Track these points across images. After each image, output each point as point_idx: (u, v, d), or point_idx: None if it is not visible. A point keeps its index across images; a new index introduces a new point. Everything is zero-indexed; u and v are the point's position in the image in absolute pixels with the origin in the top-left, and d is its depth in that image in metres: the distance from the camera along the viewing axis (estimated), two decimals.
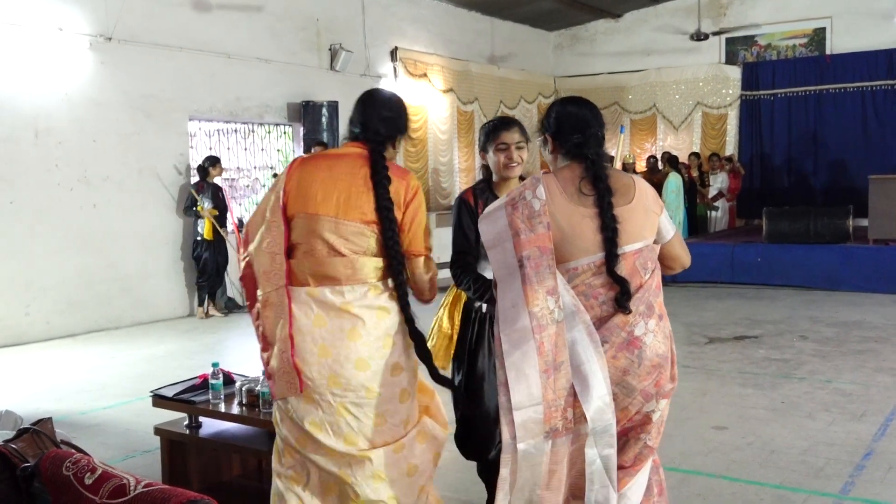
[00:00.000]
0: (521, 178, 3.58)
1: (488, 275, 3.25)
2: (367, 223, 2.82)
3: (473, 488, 4.32)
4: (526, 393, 2.51)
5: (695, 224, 13.78)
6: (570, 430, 2.57)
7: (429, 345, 3.69)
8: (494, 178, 3.60)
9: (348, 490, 2.80)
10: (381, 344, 2.83)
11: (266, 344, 2.89)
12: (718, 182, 13.99)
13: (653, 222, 2.73)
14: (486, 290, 3.33)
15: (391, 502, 2.83)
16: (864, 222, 11.50)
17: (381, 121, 3.01)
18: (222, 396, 3.84)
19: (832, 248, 11.03)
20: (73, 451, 2.21)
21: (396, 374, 2.86)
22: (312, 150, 10.73)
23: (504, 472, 2.55)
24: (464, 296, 3.66)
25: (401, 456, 2.85)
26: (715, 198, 13.98)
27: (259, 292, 2.87)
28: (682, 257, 2.90)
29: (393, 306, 2.88)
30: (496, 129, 3.52)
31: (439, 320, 3.73)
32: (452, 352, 3.64)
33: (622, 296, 2.58)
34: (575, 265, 2.61)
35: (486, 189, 3.59)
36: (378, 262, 2.86)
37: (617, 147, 12.43)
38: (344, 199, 2.82)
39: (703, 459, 4.65)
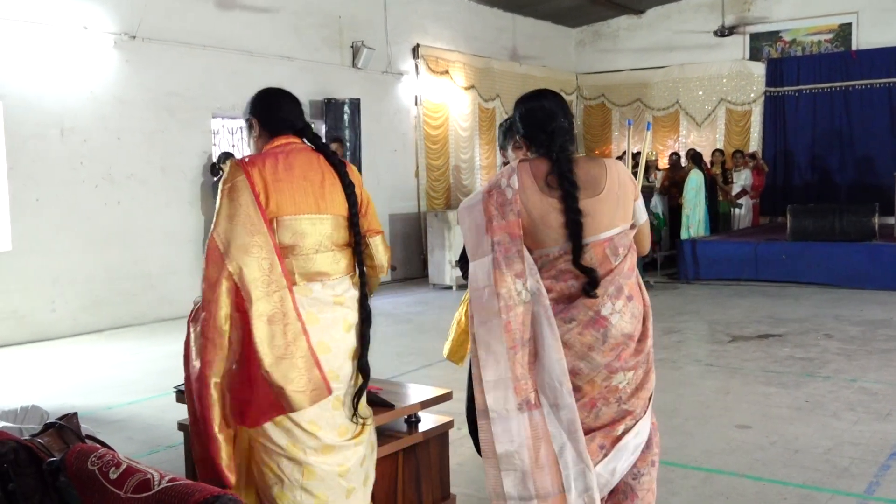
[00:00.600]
0: None
1: None
2: (341, 213, 2.90)
3: None
4: (494, 367, 2.68)
5: (717, 221, 13.67)
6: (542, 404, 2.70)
7: (447, 342, 3.72)
8: None
9: (341, 481, 2.83)
10: (358, 332, 2.95)
11: (251, 357, 2.68)
12: (742, 179, 13.87)
13: (626, 210, 2.82)
14: None
15: (371, 474, 3.00)
16: (891, 220, 11.39)
17: (300, 113, 3.05)
18: None
19: (857, 245, 10.92)
20: (98, 445, 2.23)
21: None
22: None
23: (484, 439, 2.71)
24: None
25: (372, 432, 3.03)
26: (738, 195, 13.86)
27: (253, 302, 2.66)
28: (643, 245, 3.02)
29: (358, 293, 2.97)
30: (514, 128, 3.53)
31: (458, 317, 3.76)
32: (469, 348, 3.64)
33: (588, 285, 2.70)
34: (547, 252, 2.73)
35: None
36: (351, 252, 2.95)
37: (643, 144, 12.36)
38: (319, 194, 2.84)
39: (726, 458, 4.62)
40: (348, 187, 2.89)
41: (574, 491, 2.68)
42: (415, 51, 13.27)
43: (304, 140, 2.96)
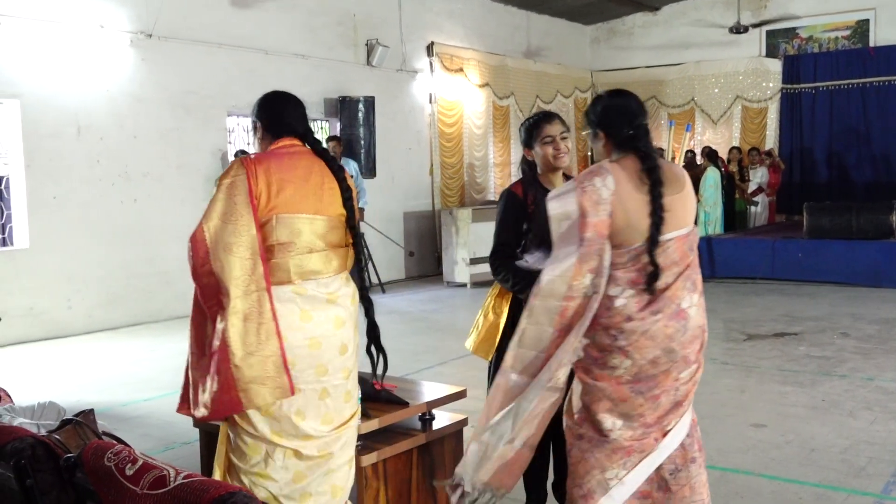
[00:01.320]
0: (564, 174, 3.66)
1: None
2: (339, 216, 2.99)
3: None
4: (536, 339, 2.76)
5: (733, 219, 13.62)
6: (557, 389, 2.80)
7: (472, 335, 3.75)
8: (540, 170, 3.62)
9: (323, 466, 2.94)
10: (352, 325, 3.03)
11: (225, 354, 2.77)
12: (758, 177, 13.80)
13: (695, 209, 2.97)
14: (526, 283, 3.34)
15: (350, 462, 3.08)
16: None
17: (303, 118, 3.17)
18: None
19: (874, 243, 10.85)
20: (114, 442, 2.25)
21: (356, 354, 3.07)
22: (327, 145, 10.76)
23: (492, 394, 2.87)
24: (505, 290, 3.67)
25: (355, 425, 3.10)
26: (755, 193, 13.80)
27: (231, 299, 2.77)
28: None
29: (353, 290, 3.07)
30: (539, 124, 3.56)
31: (485, 310, 3.74)
32: (497, 342, 3.64)
33: (650, 277, 2.78)
34: (635, 248, 2.77)
35: (533, 182, 3.61)
36: (347, 252, 3.04)
37: (682, 142, 12.28)
38: (318, 196, 2.94)
39: (742, 457, 4.61)
40: (346, 192, 3.00)
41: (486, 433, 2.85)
42: (429, 48, 13.27)
43: (306, 144, 3.07)
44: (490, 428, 2.83)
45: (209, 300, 2.83)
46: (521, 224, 3.57)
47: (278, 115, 3.11)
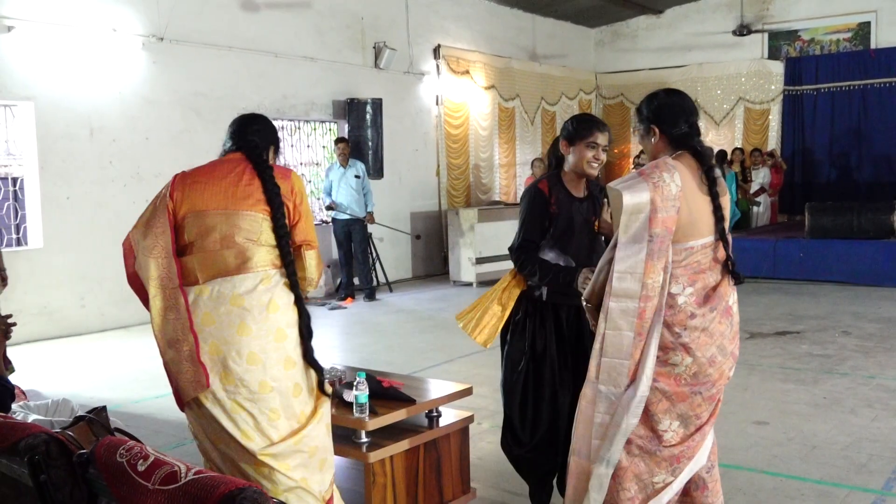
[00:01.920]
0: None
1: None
2: (257, 210, 2.94)
3: (513, 479, 4.31)
4: (618, 346, 2.73)
5: (736, 219, 13.59)
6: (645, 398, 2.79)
7: (474, 319, 3.74)
8: (567, 168, 3.58)
9: (262, 482, 2.81)
10: (272, 337, 2.85)
11: (166, 347, 2.90)
12: (760, 177, 13.77)
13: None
14: (557, 271, 3.44)
15: (302, 484, 2.87)
16: None
17: (254, 133, 3.19)
18: None
19: (876, 243, 10.81)
20: (126, 438, 2.25)
21: (290, 369, 2.87)
22: (335, 147, 10.77)
23: (584, 406, 2.82)
24: (517, 286, 3.67)
25: (302, 444, 2.88)
26: (757, 193, 13.77)
27: (151, 298, 2.91)
28: None
29: (286, 300, 2.91)
30: (589, 126, 3.52)
31: (492, 299, 3.70)
32: (498, 331, 3.70)
33: (735, 270, 2.86)
34: (693, 244, 2.79)
35: (558, 182, 3.60)
36: (270, 251, 2.94)
37: None
38: (231, 192, 2.96)
39: (745, 454, 4.60)
40: (270, 190, 2.96)
41: (604, 464, 2.79)
42: (436, 51, 13.27)
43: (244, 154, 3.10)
44: (605, 461, 2.78)
45: (144, 301, 2.95)
46: (545, 221, 3.55)
47: (234, 134, 3.23)
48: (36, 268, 8.43)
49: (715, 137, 15.64)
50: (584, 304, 2.96)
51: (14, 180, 8.74)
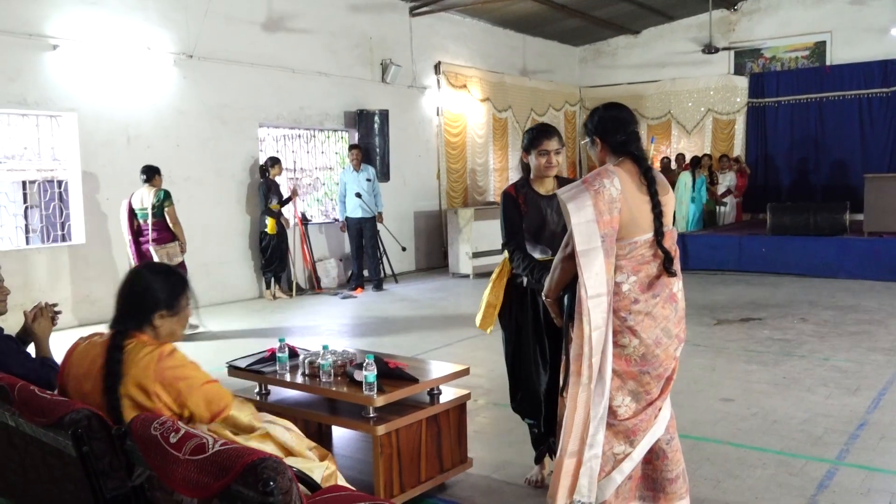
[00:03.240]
0: (556, 177, 3.75)
1: (535, 255, 3.62)
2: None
3: (506, 450, 4.32)
4: (599, 340, 2.75)
5: (704, 218, 13.59)
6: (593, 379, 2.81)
7: (479, 313, 3.83)
8: (532, 175, 3.73)
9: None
10: None
11: None
12: (727, 180, 13.76)
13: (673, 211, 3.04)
14: (534, 269, 3.53)
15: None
16: (860, 217, 11.23)
17: (126, 305, 2.58)
18: (288, 368, 3.87)
19: (831, 239, 10.81)
20: (158, 414, 2.25)
21: None
22: (349, 153, 10.75)
23: (576, 407, 2.79)
24: (505, 274, 3.78)
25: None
26: (724, 194, 13.76)
27: None
28: None
29: None
30: (539, 136, 3.66)
31: (487, 293, 3.83)
32: (495, 317, 3.81)
33: (668, 262, 2.85)
34: (636, 240, 2.82)
35: (525, 185, 3.75)
36: None
37: (648, 152, 12.24)
38: (89, 391, 2.50)
39: (712, 428, 4.60)
40: (109, 392, 2.44)
41: (590, 450, 2.79)
42: (437, 67, 13.24)
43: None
44: (591, 447, 2.78)
45: None
46: (518, 217, 3.68)
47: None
48: (79, 261, 8.43)
49: (686, 144, 15.63)
50: (544, 298, 3.07)
51: (59, 183, 8.73)
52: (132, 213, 7.79)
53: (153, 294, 2.57)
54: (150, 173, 7.84)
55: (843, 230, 10.94)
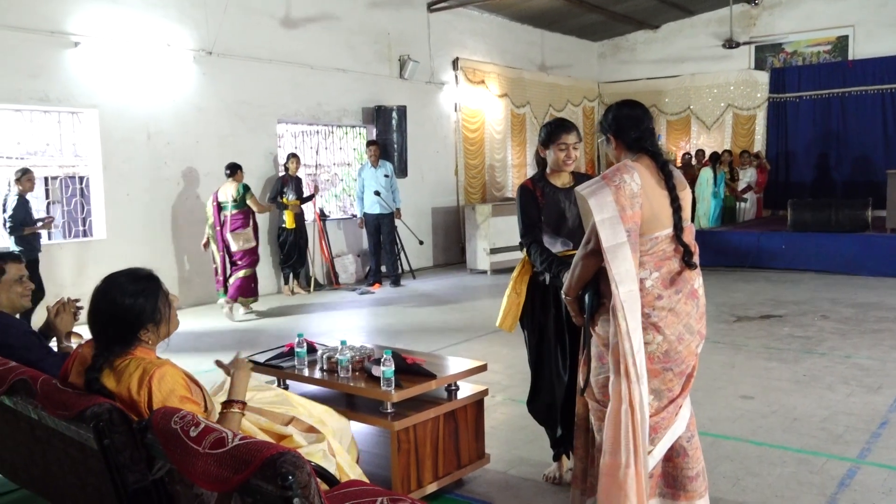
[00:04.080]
0: (572, 172, 3.74)
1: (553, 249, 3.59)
2: None
3: (523, 446, 4.31)
4: (638, 338, 2.71)
5: (724, 214, 13.50)
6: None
7: (500, 312, 3.80)
8: (549, 168, 3.72)
9: None
10: None
11: None
12: (747, 176, 13.65)
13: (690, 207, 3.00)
14: (551, 262, 3.51)
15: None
16: (883, 213, 11.10)
17: (108, 331, 2.51)
18: (306, 363, 3.89)
19: (852, 236, 10.69)
20: (180, 407, 2.26)
21: None
22: (367, 149, 10.77)
23: (620, 407, 2.70)
24: (526, 272, 3.74)
25: None
26: (744, 190, 13.64)
27: None
28: None
29: None
30: (558, 131, 3.64)
31: (509, 291, 3.79)
32: (519, 315, 3.75)
33: (688, 256, 2.83)
34: (656, 235, 2.79)
35: (541, 178, 3.74)
36: None
37: None
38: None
39: (731, 425, 4.57)
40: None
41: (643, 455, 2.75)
42: (455, 63, 13.22)
43: None
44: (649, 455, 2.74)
45: None
46: (536, 211, 3.66)
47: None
48: (100, 257, 8.50)
49: (706, 140, 15.52)
50: (564, 297, 3.00)
51: (81, 179, 8.81)
52: (219, 206, 8.51)
53: (132, 313, 2.48)
54: (234, 169, 8.61)
55: (865, 227, 10.82)
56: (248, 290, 8.53)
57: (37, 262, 7.39)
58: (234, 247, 8.42)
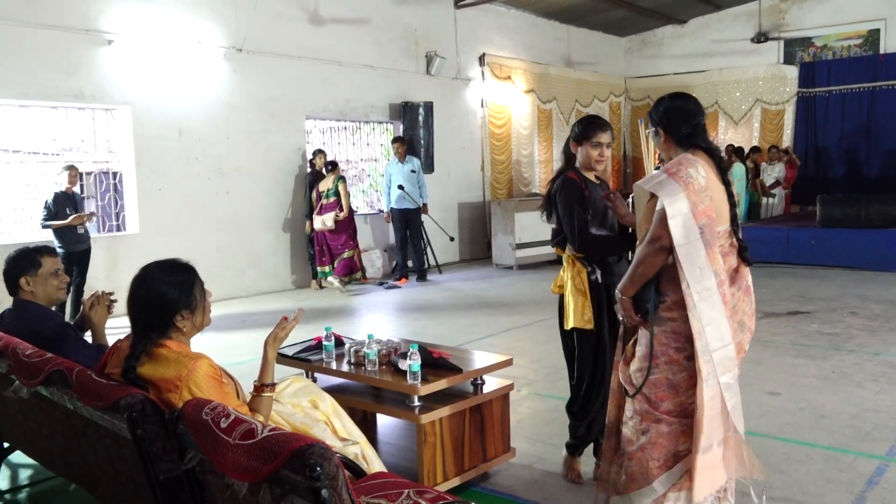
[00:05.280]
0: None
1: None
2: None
3: (549, 439, 4.30)
4: (718, 336, 2.65)
5: (752, 209, 13.35)
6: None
7: (570, 316, 3.55)
8: (578, 164, 3.62)
9: None
10: None
11: None
12: (776, 171, 13.46)
13: None
14: (607, 246, 3.53)
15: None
16: None
17: (145, 316, 2.57)
18: (334, 356, 3.91)
19: (882, 232, 10.51)
20: (210, 399, 2.29)
21: None
22: (392, 146, 10.79)
23: (711, 401, 2.64)
24: (580, 271, 3.55)
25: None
26: (772, 186, 13.47)
27: None
28: None
29: None
30: (593, 128, 3.55)
31: (574, 295, 3.55)
32: (590, 311, 3.52)
33: (746, 252, 2.80)
34: (720, 229, 2.72)
35: (579, 173, 3.61)
36: None
37: (642, 136, 12.00)
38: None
39: (759, 422, 4.52)
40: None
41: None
42: (481, 59, 13.19)
43: None
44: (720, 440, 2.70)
45: None
46: (584, 203, 3.52)
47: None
48: (133, 250, 8.61)
49: (734, 135, 15.32)
50: (619, 295, 2.83)
51: (114, 174, 8.93)
52: (319, 195, 9.82)
53: (168, 298, 2.55)
54: (333, 165, 9.85)
55: (894, 222, 10.62)
56: (347, 270, 9.89)
57: (78, 256, 7.50)
58: (317, 225, 9.75)
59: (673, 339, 2.72)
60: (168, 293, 2.55)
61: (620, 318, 2.92)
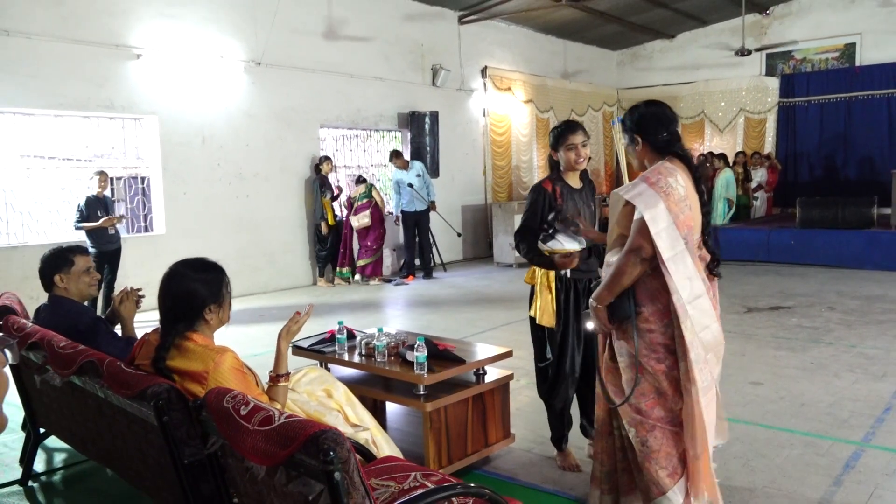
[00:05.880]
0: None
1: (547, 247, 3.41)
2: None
3: (546, 426, 4.30)
4: (712, 337, 2.60)
5: (737, 211, 13.29)
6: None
7: (535, 310, 3.62)
8: (562, 168, 3.62)
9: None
10: None
11: None
12: (759, 176, 13.43)
13: None
14: (535, 256, 3.48)
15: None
16: (887, 210, 10.87)
17: (175, 309, 2.58)
18: (346, 348, 3.91)
19: (858, 232, 10.48)
20: (231, 388, 2.29)
21: None
22: (391, 161, 10.78)
23: (698, 410, 2.58)
24: (548, 273, 3.62)
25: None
26: (755, 189, 13.43)
27: None
28: None
29: None
30: (564, 133, 3.54)
31: (541, 289, 3.59)
32: (555, 309, 3.56)
33: (715, 264, 2.68)
34: (697, 237, 2.64)
35: (558, 178, 3.62)
36: None
37: (615, 139, 11.97)
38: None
39: (742, 409, 4.51)
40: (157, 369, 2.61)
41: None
42: (483, 71, 13.18)
43: None
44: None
45: None
46: (548, 212, 3.53)
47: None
48: (160, 250, 8.62)
49: (719, 142, 15.30)
50: (593, 304, 2.67)
51: (142, 179, 8.94)
52: (350, 202, 10.30)
53: (198, 293, 2.58)
54: (362, 179, 10.35)
55: (870, 223, 10.60)
56: (372, 272, 10.27)
57: (109, 255, 7.51)
58: (354, 224, 10.12)
59: (652, 351, 2.61)
60: (199, 289, 2.59)
61: (591, 328, 2.76)
